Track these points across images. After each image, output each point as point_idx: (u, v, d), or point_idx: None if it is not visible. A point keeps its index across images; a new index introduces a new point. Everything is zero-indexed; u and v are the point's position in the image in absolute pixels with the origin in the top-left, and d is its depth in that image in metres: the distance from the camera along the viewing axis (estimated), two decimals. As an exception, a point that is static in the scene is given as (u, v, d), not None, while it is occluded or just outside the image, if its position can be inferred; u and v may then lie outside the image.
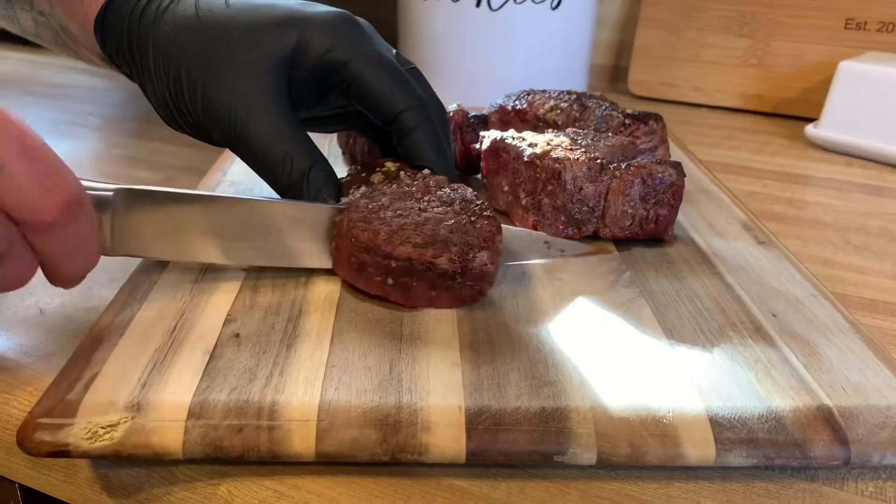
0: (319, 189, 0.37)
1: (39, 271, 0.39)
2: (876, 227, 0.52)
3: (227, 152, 0.55)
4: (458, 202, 0.37)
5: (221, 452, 0.27)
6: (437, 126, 0.41)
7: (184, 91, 0.37)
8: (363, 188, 0.38)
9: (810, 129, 0.69)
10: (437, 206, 0.36)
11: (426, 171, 0.40)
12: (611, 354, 0.32)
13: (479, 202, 0.37)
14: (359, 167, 0.41)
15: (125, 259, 0.43)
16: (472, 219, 0.36)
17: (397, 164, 0.40)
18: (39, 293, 0.39)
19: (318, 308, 0.35)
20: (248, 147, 0.37)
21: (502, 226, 0.36)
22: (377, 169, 0.40)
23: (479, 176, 0.50)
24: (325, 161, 0.38)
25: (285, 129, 0.37)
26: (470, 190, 0.38)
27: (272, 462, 0.28)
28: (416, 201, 0.37)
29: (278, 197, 0.38)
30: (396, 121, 0.40)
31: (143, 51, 0.38)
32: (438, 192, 0.37)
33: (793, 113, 0.79)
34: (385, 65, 0.39)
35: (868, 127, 0.65)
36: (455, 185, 0.39)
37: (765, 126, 0.77)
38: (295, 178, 0.37)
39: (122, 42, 0.39)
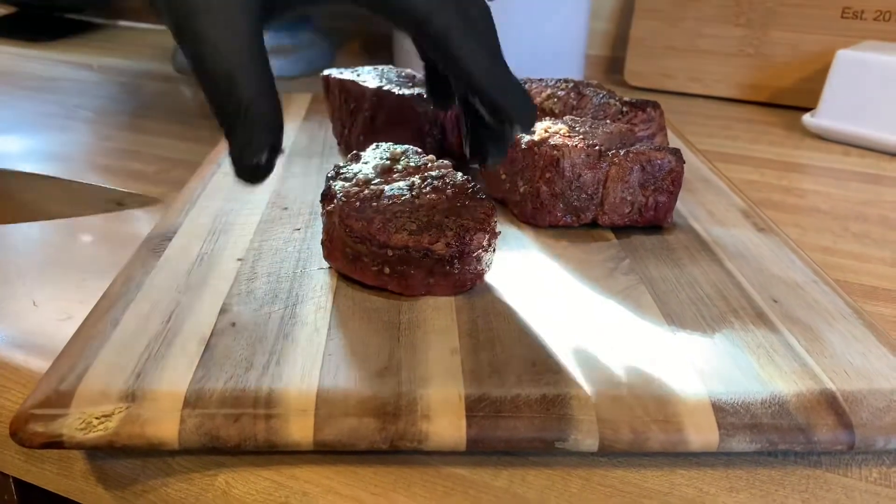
0: (255, 123, 0.28)
1: (32, 263, 0.38)
2: (875, 216, 0.52)
3: (222, 144, 0.55)
4: (449, 187, 0.36)
5: (218, 442, 0.27)
6: (480, 25, 0.31)
7: None
8: (361, 170, 0.37)
9: (807, 118, 0.69)
10: (429, 193, 0.36)
11: (431, 157, 0.39)
12: (611, 341, 0.31)
13: (470, 185, 0.37)
14: (357, 153, 0.41)
15: (118, 249, 0.43)
16: (466, 202, 0.35)
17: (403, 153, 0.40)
18: (32, 284, 0.39)
19: (315, 296, 0.34)
20: (198, 42, 0.28)
21: None
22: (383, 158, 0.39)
23: (476, 164, 0.49)
24: (277, 99, 0.29)
25: (248, 40, 0.29)
26: (460, 174, 0.38)
27: (270, 452, 0.28)
28: (408, 189, 0.36)
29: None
30: (423, 26, 0.30)
31: None
32: (428, 179, 0.37)
33: (790, 102, 0.78)
34: None
35: (865, 116, 0.65)
36: (443, 167, 0.38)
37: (762, 115, 0.77)
38: (244, 95, 0.28)
39: None
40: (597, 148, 0.40)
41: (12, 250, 0.43)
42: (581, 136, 0.42)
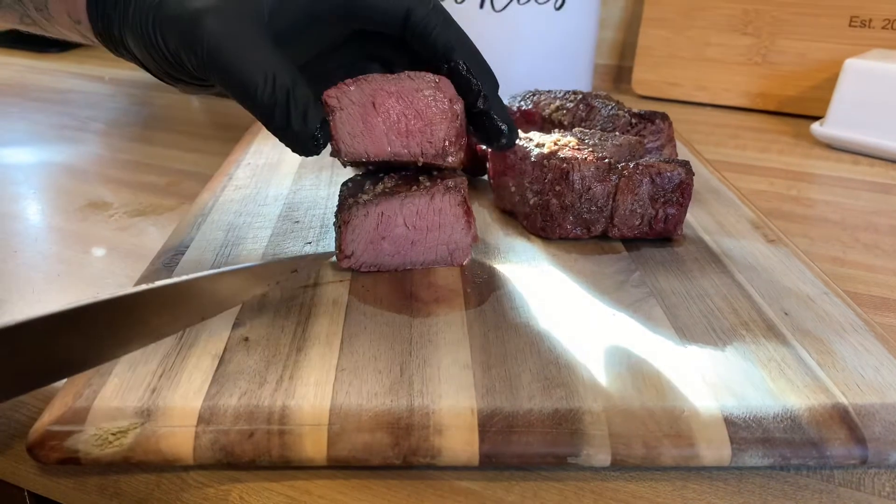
0: (306, 108, 0.33)
1: (45, 276, 0.38)
2: (885, 226, 0.52)
3: (233, 157, 0.55)
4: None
5: (232, 458, 0.27)
6: (455, 24, 0.37)
7: (160, 36, 0.34)
8: (380, 186, 0.38)
9: (816, 127, 0.69)
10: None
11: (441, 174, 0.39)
12: (623, 354, 0.31)
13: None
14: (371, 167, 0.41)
15: (132, 263, 0.43)
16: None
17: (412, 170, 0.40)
18: (46, 298, 0.39)
19: (327, 311, 0.34)
20: (224, 65, 0.33)
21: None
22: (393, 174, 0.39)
23: (485, 177, 0.50)
24: (306, 85, 0.35)
25: (264, 48, 0.34)
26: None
27: (283, 467, 0.28)
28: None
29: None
30: (409, 17, 0.36)
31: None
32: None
33: (798, 111, 0.78)
34: None
35: (874, 124, 0.65)
36: (458, 181, 0.38)
37: (770, 125, 0.77)
38: (279, 94, 0.33)
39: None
40: (606, 160, 0.41)
41: (27, 264, 0.43)
42: (591, 149, 0.42)
